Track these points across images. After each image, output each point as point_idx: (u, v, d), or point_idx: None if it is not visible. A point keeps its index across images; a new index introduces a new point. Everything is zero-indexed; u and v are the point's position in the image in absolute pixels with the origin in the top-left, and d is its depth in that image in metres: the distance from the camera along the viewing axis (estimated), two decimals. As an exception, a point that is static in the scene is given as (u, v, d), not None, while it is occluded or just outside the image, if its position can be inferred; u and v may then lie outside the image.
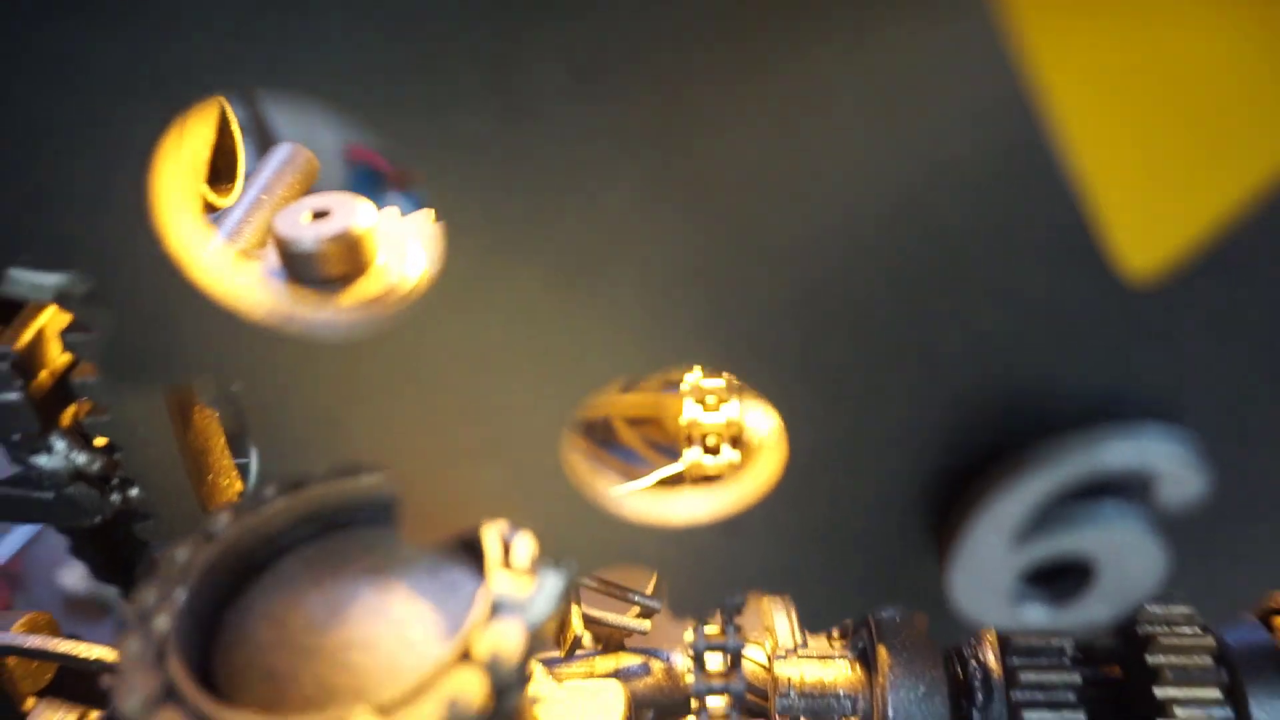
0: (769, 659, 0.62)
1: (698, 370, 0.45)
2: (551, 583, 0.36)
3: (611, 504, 0.32)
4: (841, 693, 0.57)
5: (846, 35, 0.20)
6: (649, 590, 0.71)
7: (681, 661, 0.78)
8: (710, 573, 0.34)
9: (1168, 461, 0.27)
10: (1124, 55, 0.20)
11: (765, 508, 0.32)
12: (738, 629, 0.57)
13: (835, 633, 0.65)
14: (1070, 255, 0.24)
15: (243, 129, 0.54)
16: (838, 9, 0.20)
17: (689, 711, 0.60)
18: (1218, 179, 0.22)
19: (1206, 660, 0.53)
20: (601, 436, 0.87)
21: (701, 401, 0.41)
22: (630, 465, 0.83)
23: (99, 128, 0.22)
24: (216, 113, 0.51)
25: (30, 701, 0.67)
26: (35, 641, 0.62)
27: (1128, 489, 0.29)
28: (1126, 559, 0.30)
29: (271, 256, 0.43)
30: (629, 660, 0.73)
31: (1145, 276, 0.24)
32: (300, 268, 0.42)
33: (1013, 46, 0.20)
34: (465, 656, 0.33)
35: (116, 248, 0.24)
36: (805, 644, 0.64)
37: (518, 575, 0.36)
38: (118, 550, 0.81)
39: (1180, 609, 0.52)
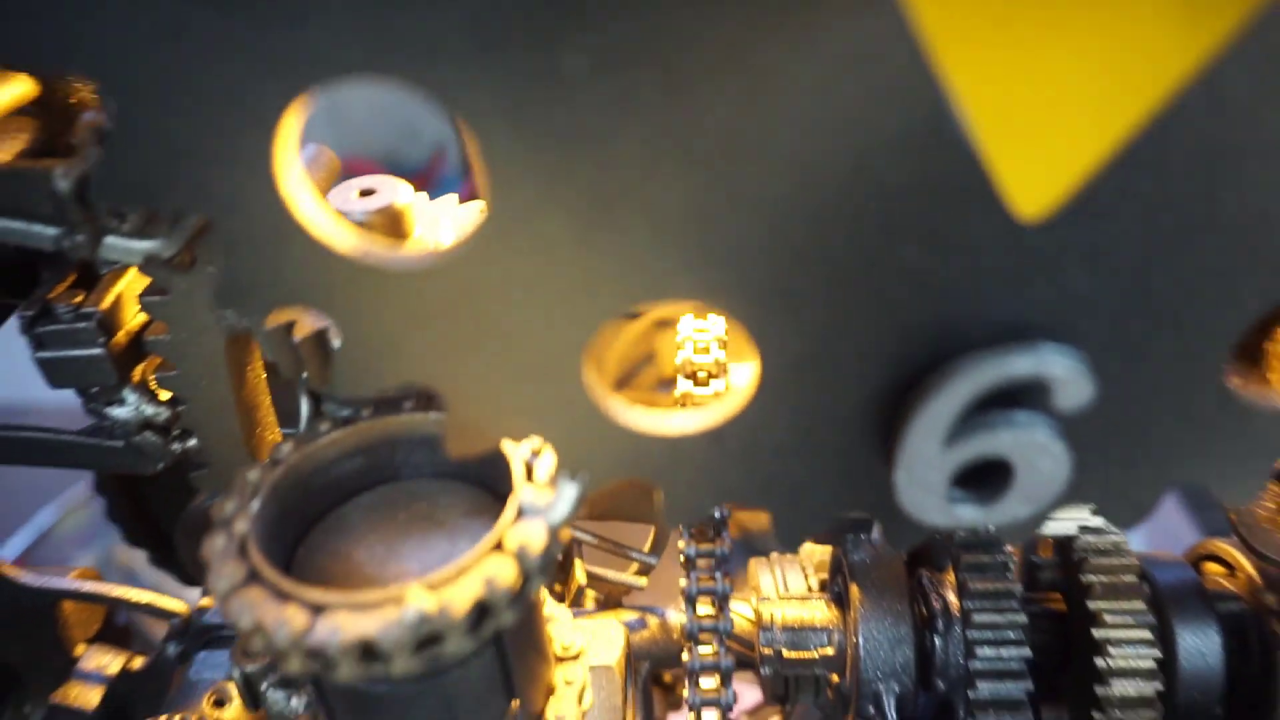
0: (755, 611, 0.69)
1: (689, 319, 0.53)
2: (569, 491, 0.43)
3: (619, 419, 0.39)
4: (819, 626, 0.64)
5: (793, 33, 0.27)
6: (646, 549, 0.78)
7: (675, 617, 0.84)
8: (700, 482, 0.41)
9: (1061, 371, 0.35)
10: (1008, 32, 0.27)
11: (744, 421, 0.39)
12: (725, 572, 0.63)
13: (814, 584, 0.72)
14: (974, 203, 0.31)
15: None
16: (785, 13, 0.27)
17: (681, 663, 0.67)
18: (1084, 134, 0.29)
19: (1138, 601, 0.60)
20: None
21: (693, 343, 0.48)
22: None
23: (235, 101, 0.29)
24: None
25: (81, 648, 0.73)
26: (90, 586, 0.69)
27: (1034, 400, 0.36)
28: (1037, 459, 0.37)
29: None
30: (627, 615, 0.79)
31: (1032, 218, 0.31)
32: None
33: (918, 37, 0.27)
34: (499, 548, 0.40)
35: (240, 194, 0.31)
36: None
37: (540, 486, 0.43)
38: (150, 514, 0.87)
39: (1112, 537, 0.59)
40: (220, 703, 0.51)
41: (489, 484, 0.47)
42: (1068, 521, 0.56)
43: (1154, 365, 0.37)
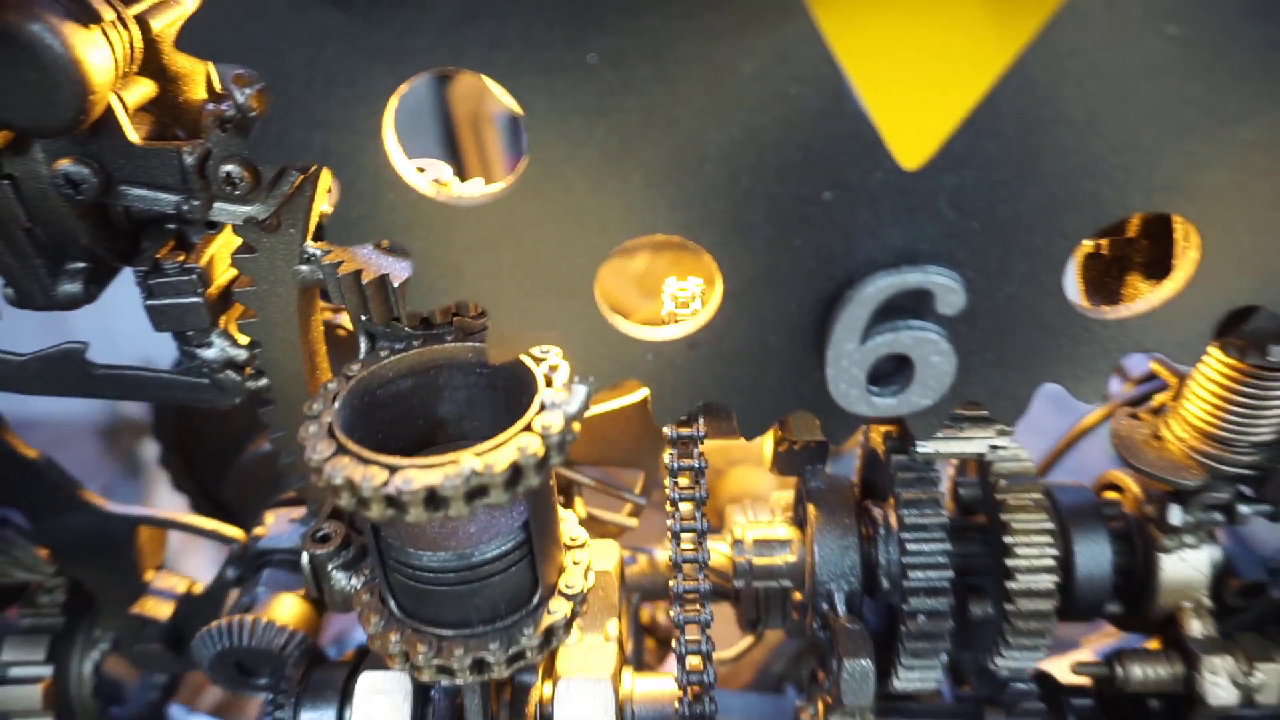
0: (729, 533, 0.81)
1: (672, 281, 0.65)
2: (580, 391, 0.55)
3: (620, 328, 0.52)
4: (782, 540, 0.77)
5: (740, 38, 0.41)
6: (637, 491, 0.90)
7: (662, 555, 0.96)
8: (680, 383, 0.54)
9: (941, 283, 0.48)
10: (886, 36, 0.40)
11: (712, 330, 0.51)
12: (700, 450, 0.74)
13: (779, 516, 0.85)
14: (870, 157, 0.44)
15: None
16: (735, 25, 0.40)
17: (668, 593, 0.79)
18: (942, 105, 0.42)
19: (1040, 512, 0.73)
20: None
21: (675, 300, 0.61)
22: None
23: (356, 85, 0.42)
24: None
25: (150, 573, 0.84)
26: (163, 514, 0.80)
27: (924, 311, 0.49)
28: (930, 354, 0.50)
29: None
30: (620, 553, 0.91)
31: (911, 167, 0.44)
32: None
33: (823, 39, 0.40)
34: (528, 429, 0.52)
35: (355, 153, 0.44)
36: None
37: (558, 389, 0.55)
38: (195, 465, 0.99)
39: (1022, 464, 0.72)
40: (325, 538, 0.63)
41: (513, 405, 0.60)
42: (979, 441, 0.69)
43: (1011, 283, 0.50)
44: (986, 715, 0.76)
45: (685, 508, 0.70)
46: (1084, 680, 0.77)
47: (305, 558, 0.63)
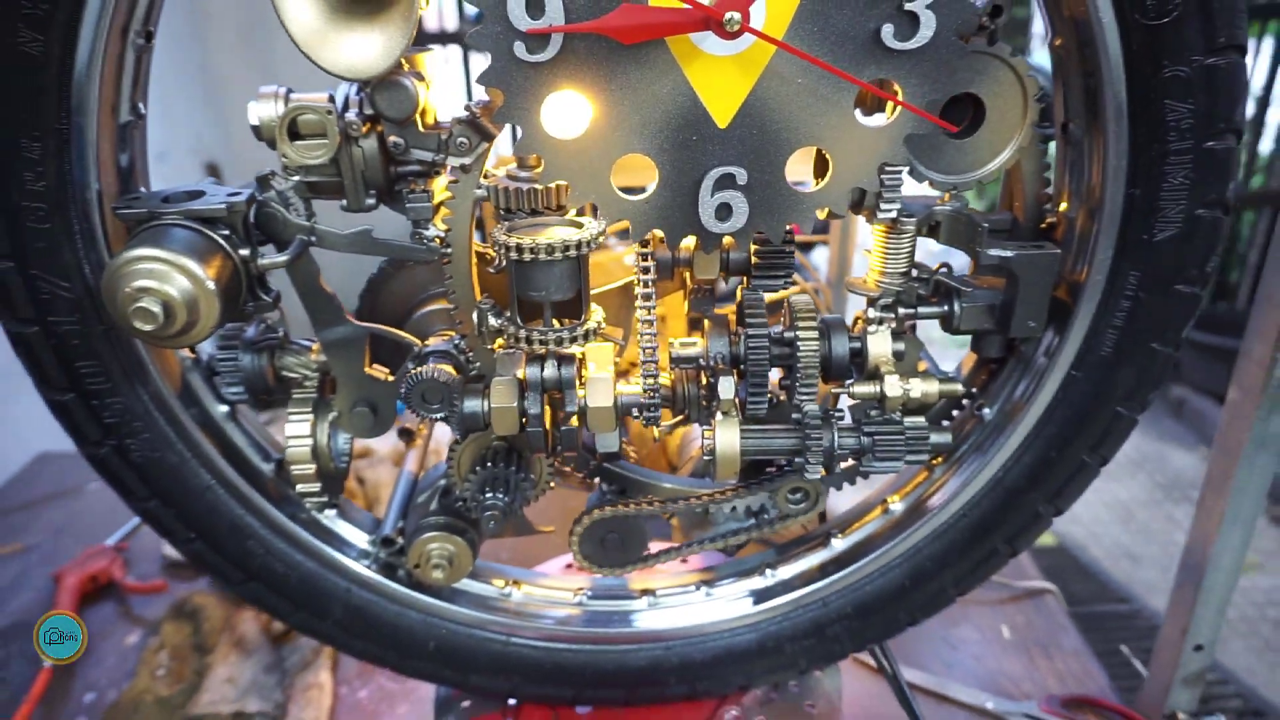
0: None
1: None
2: (598, 223, 1.34)
3: (616, 193, 1.31)
4: (692, 343, 1.54)
5: (650, 68, 1.24)
6: (620, 337, 1.66)
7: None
8: (644, 217, 1.33)
9: (738, 171, 1.29)
10: (709, 67, 1.24)
11: (656, 196, 1.32)
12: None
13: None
14: (705, 119, 1.27)
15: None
16: (648, 65, 1.24)
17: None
18: (729, 94, 1.26)
19: (813, 327, 1.51)
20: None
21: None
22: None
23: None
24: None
25: (368, 368, 1.58)
26: (380, 327, 1.55)
27: (734, 184, 1.30)
28: (739, 205, 1.31)
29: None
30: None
31: (722, 124, 1.27)
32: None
33: (687, 77, 1.23)
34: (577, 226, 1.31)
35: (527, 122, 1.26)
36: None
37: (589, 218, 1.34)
38: (381, 319, 1.74)
39: (807, 303, 1.51)
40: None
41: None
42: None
43: (767, 170, 1.31)
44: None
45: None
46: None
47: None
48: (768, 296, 1.46)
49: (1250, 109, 6.84)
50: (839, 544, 1.66)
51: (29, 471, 3.40)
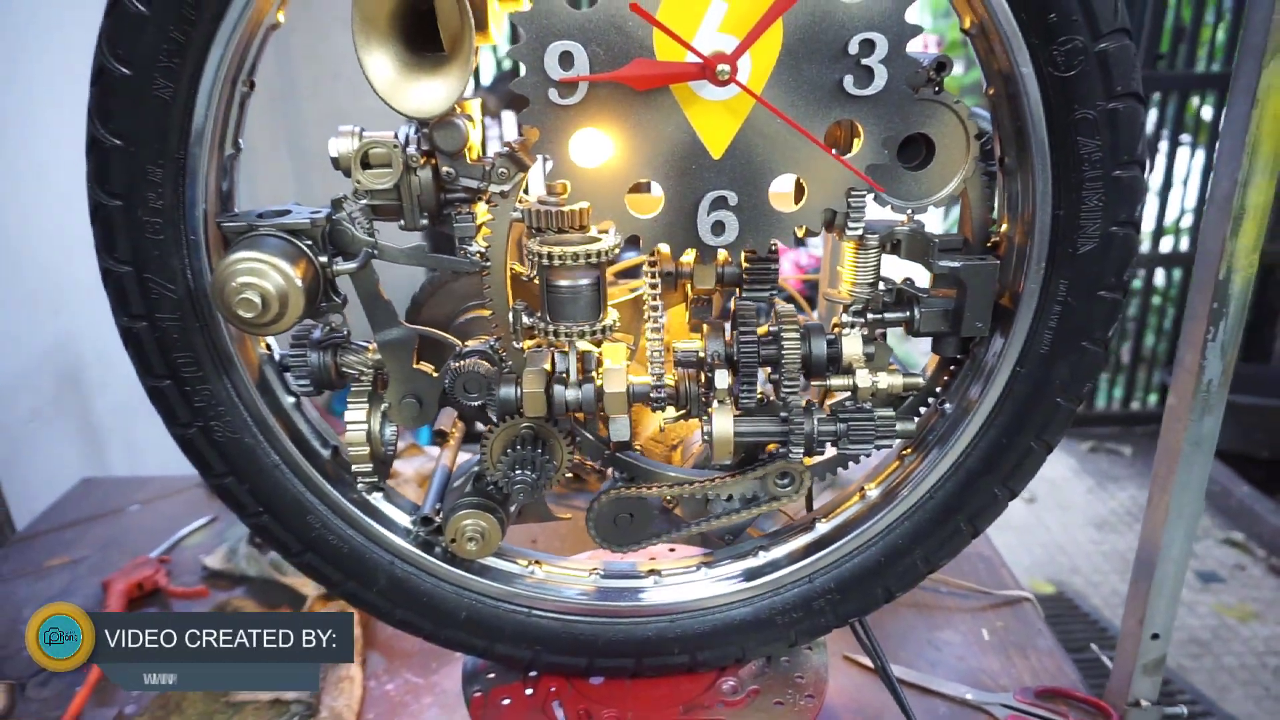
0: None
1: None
2: (614, 236, 1.61)
3: (630, 211, 1.59)
4: (693, 346, 1.80)
5: (656, 110, 1.53)
6: (630, 343, 1.92)
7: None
8: (656, 228, 1.61)
9: (729, 193, 1.57)
10: (705, 109, 1.53)
11: (663, 213, 1.59)
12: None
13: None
14: (702, 151, 1.55)
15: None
16: (654, 107, 1.53)
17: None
18: (720, 132, 1.54)
19: (795, 326, 1.76)
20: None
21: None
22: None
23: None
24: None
25: (416, 364, 1.84)
26: (431, 330, 1.82)
27: (725, 205, 1.58)
28: (731, 222, 1.58)
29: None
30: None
31: (716, 155, 1.55)
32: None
33: (686, 116, 1.52)
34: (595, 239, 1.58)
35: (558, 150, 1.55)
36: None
37: (606, 230, 1.61)
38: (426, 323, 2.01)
39: (791, 311, 1.77)
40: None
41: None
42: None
43: (753, 194, 1.59)
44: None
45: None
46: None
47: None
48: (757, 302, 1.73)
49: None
50: (822, 527, 1.89)
51: (74, 495, 3.64)
